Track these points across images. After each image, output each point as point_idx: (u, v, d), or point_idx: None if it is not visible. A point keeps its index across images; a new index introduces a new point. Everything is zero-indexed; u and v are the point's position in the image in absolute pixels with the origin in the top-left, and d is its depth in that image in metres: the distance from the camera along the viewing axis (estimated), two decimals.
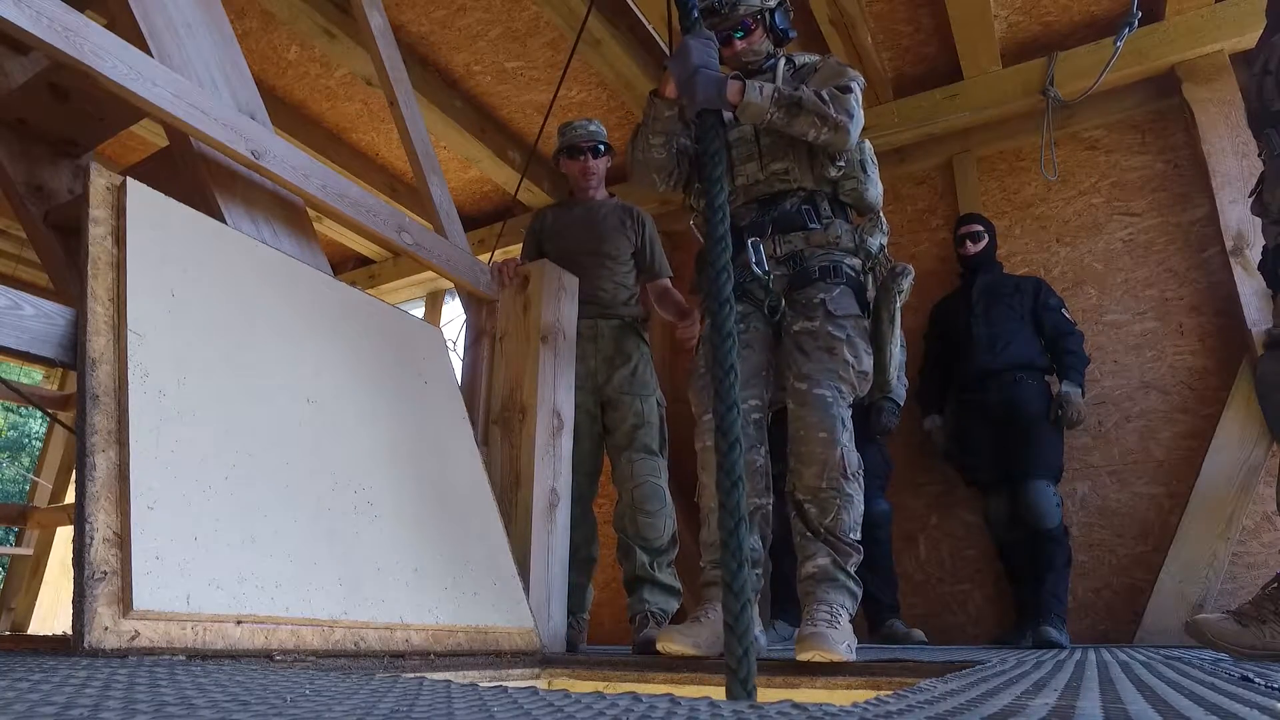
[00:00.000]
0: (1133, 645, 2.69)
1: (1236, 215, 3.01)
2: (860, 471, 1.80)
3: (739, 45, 2.07)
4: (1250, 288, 2.92)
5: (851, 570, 1.78)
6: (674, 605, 2.42)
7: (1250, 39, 2.98)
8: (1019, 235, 3.57)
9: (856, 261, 1.97)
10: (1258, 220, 1.84)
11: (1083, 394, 2.90)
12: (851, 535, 1.77)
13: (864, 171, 2.01)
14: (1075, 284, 3.38)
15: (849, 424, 1.80)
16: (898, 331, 2.01)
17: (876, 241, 2.01)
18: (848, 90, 1.86)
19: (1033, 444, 2.85)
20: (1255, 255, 2.79)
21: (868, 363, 1.87)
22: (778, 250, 1.96)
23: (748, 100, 1.80)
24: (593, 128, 2.80)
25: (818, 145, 1.93)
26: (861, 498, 1.80)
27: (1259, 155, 1.78)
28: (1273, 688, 0.94)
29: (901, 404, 3.07)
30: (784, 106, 1.82)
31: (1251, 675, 1.11)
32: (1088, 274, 3.38)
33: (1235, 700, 0.79)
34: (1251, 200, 1.83)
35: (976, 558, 3.33)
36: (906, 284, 1.97)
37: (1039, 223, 3.55)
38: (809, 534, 1.77)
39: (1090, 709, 0.69)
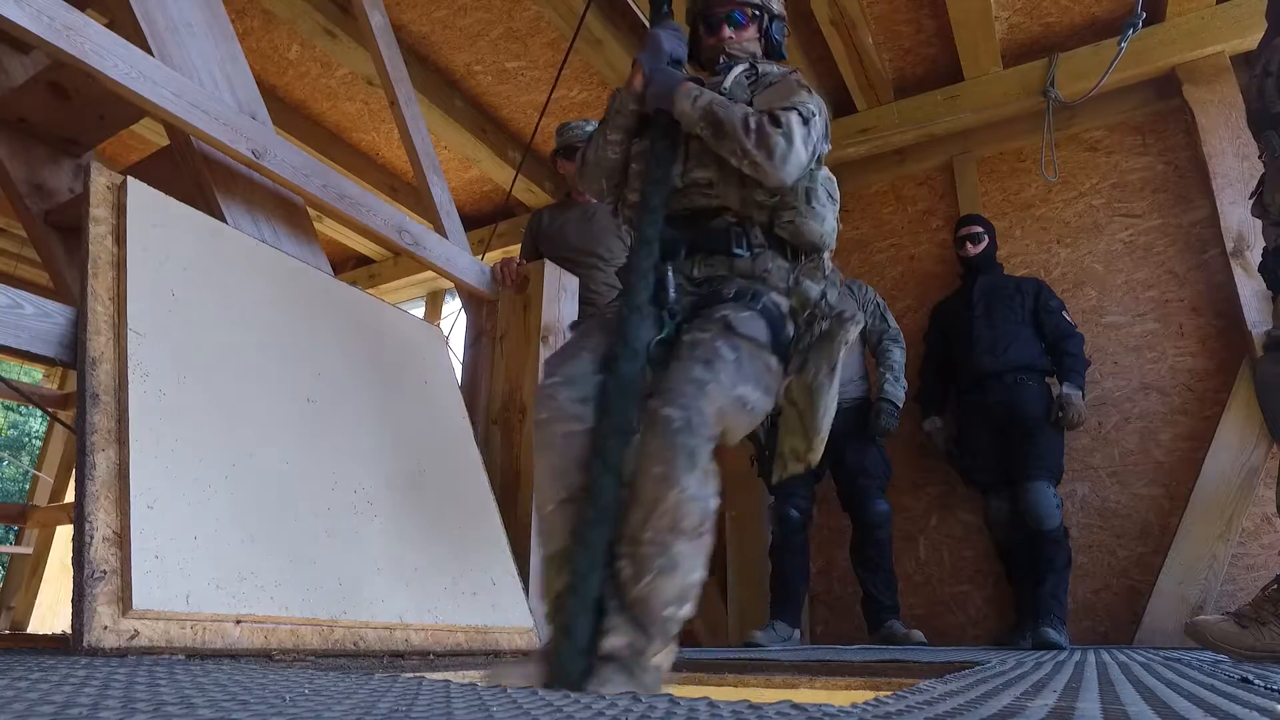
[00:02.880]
0: (1132, 646, 2.69)
1: (1237, 217, 3.01)
2: (706, 530, 1.24)
3: (726, 34, 1.84)
4: (1250, 289, 2.92)
5: (659, 664, 1.21)
6: None
7: (1250, 40, 2.98)
8: (1019, 236, 3.57)
9: (785, 302, 1.60)
10: (1258, 222, 1.83)
11: (1083, 396, 2.90)
12: (668, 614, 1.19)
13: (808, 203, 1.64)
14: (1075, 285, 3.37)
15: (704, 462, 1.25)
16: (835, 387, 1.58)
17: (817, 288, 1.61)
18: (779, 123, 1.53)
19: (1033, 445, 2.85)
20: (1255, 257, 2.79)
21: (757, 401, 1.39)
22: (695, 272, 1.61)
23: (679, 109, 1.60)
24: (589, 128, 2.79)
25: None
26: (701, 565, 1.23)
27: (1259, 157, 1.78)
28: (1272, 689, 0.94)
29: (901, 405, 3.07)
30: (711, 124, 1.56)
31: (1251, 677, 1.11)
32: (1088, 275, 3.38)
33: (1235, 701, 0.79)
34: (1252, 202, 1.83)
35: (976, 559, 3.33)
36: (853, 332, 1.60)
37: (1039, 224, 3.55)
38: (613, 600, 1.19)
39: (1090, 710, 0.69)
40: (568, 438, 1.32)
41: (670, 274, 1.51)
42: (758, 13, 1.79)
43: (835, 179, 1.74)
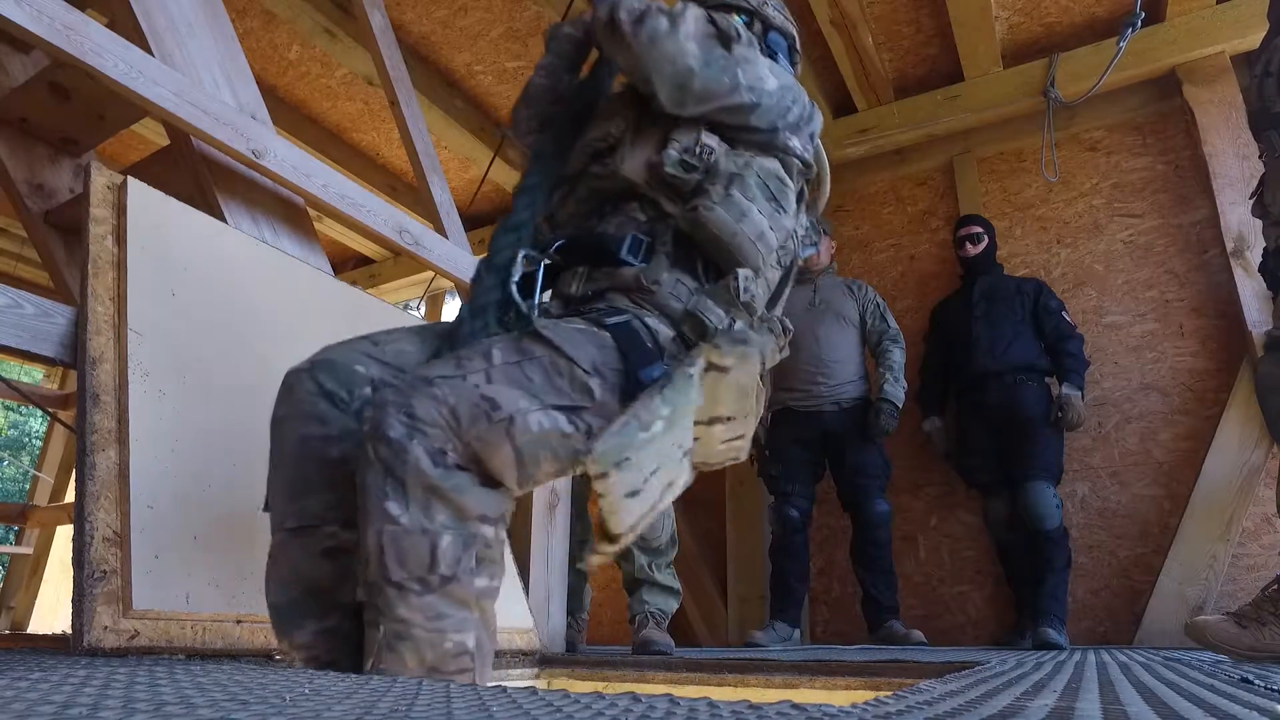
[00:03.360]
0: (1132, 647, 2.69)
1: (1237, 217, 3.01)
2: (460, 571, 0.89)
3: None
4: (1251, 289, 2.92)
5: None
6: (673, 605, 2.41)
7: (1251, 40, 2.98)
8: (1019, 236, 3.57)
9: (667, 331, 1.16)
10: (1258, 222, 1.84)
11: (1083, 396, 2.90)
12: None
13: (727, 190, 1.19)
14: (1075, 285, 3.37)
15: (426, 480, 0.88)
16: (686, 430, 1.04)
17: (716, 316, 1.16)
18: (677, 10, 1.20)
19: (1033, 445, 2.85)
20: (1256, 257, 2.79)
21: (528, 414, 0.96)
22: (574, 288, 1.22)
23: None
24: None
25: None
26: (468, 625, 0.90)
27: (1259, 157, 1.78)
28: (1272, 689, 0.94)
29: (900, 405, 3.07)
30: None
31: (1251, 677, 1.11)
32: (1088, 275, 3.38)
33: (1234, 702, 0.79)
34: (1252, 202, 1.83)
35: (976, 559, 3.33)
36: (741, 370, 1.09)
37: (1039, 224, 3.55)
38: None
39: (1090, 710, 0.69)
40: (304, 443, 1.02)
41: (533, 281, 1.17)
42: (746, 19, 1.47)
43: (801, 179, 1.36)
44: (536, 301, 1.15)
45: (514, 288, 1.13)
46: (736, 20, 1.27)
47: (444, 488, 0.89)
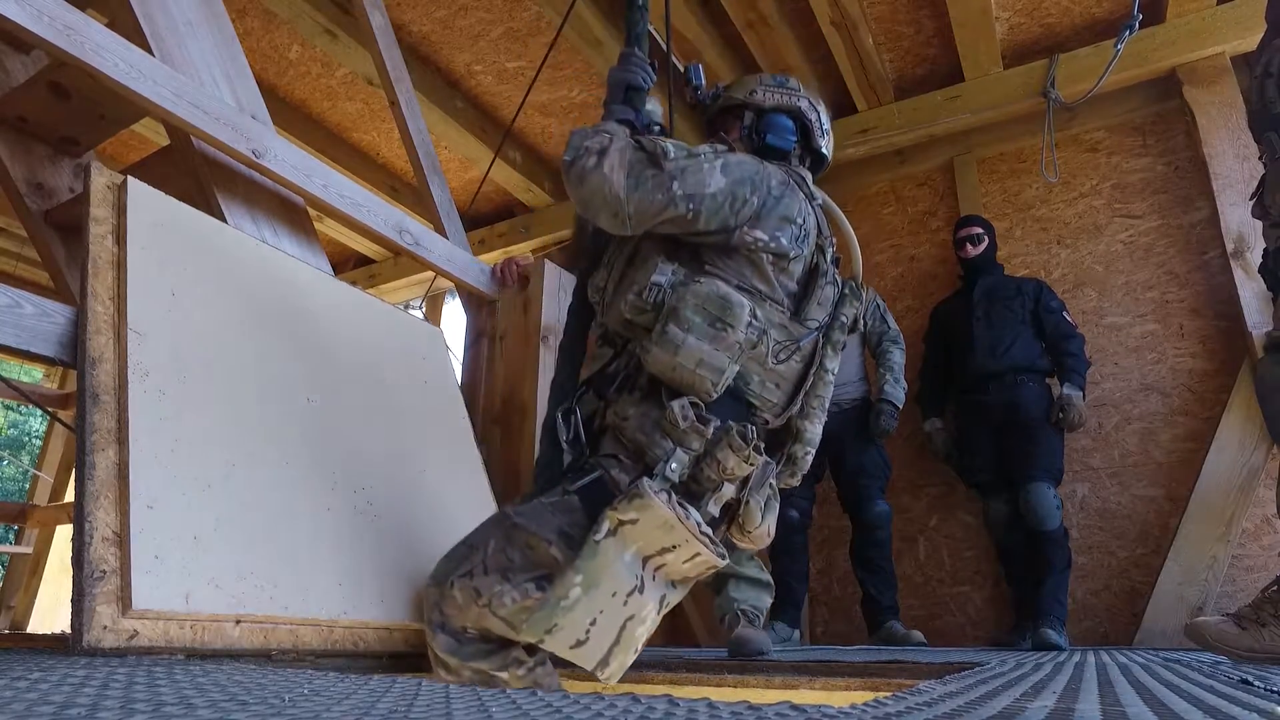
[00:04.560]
0: (1132, 648, 2.69)
1: (1237, 218, 3.01)
2: None
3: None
4: (1251, 290, 2.92)
5: None
6: (767, 600, 2.19)
7: (1251, 41, 2.97)
8: (1019, 237, 3.57)
9: (624, 478, 1.28)
10: (1258, 223, 1.83)
11: (1084, 397, 2.90)
12: None
13: (663, 326, 1.27)
14: (1076, 286, 3.37)
15: (442, 661, 1.35)
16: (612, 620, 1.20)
17: (663, 445, 1.26)
18: (604, 139, 1.28)
19: (1033, 446, 2.85)
20: (1256, 258, 2.78)
21: (503, 596, 1.26)
22: (598, 422, 1.41)
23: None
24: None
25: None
26: None
27: (1259, 158, 1.78)
28: (1272, 690, 0.94)
29: (900, 406, 3.07)
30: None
31: (1250, 678, 1.11)
32: (1088, 276, 3.38)
33: (1234, 703, 0.79)
34: (1252, 203, 1.83)
35: (976, 559, 3.33)
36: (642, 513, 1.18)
37: (1039, 224, 3.55)
38: None
39: (1089, 711, 0.69)
40: None
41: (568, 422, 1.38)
42: (741, 111, 1.54)
43: (797, 265, 1.37)
44: (579, 450, 1.37)
45: (564, 445, 1.37)
46: (666, 142, 1.30)
47: (454, 662, 1.30)
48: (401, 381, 2.08)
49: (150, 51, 1.71)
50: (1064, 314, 3.04)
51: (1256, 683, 1.05)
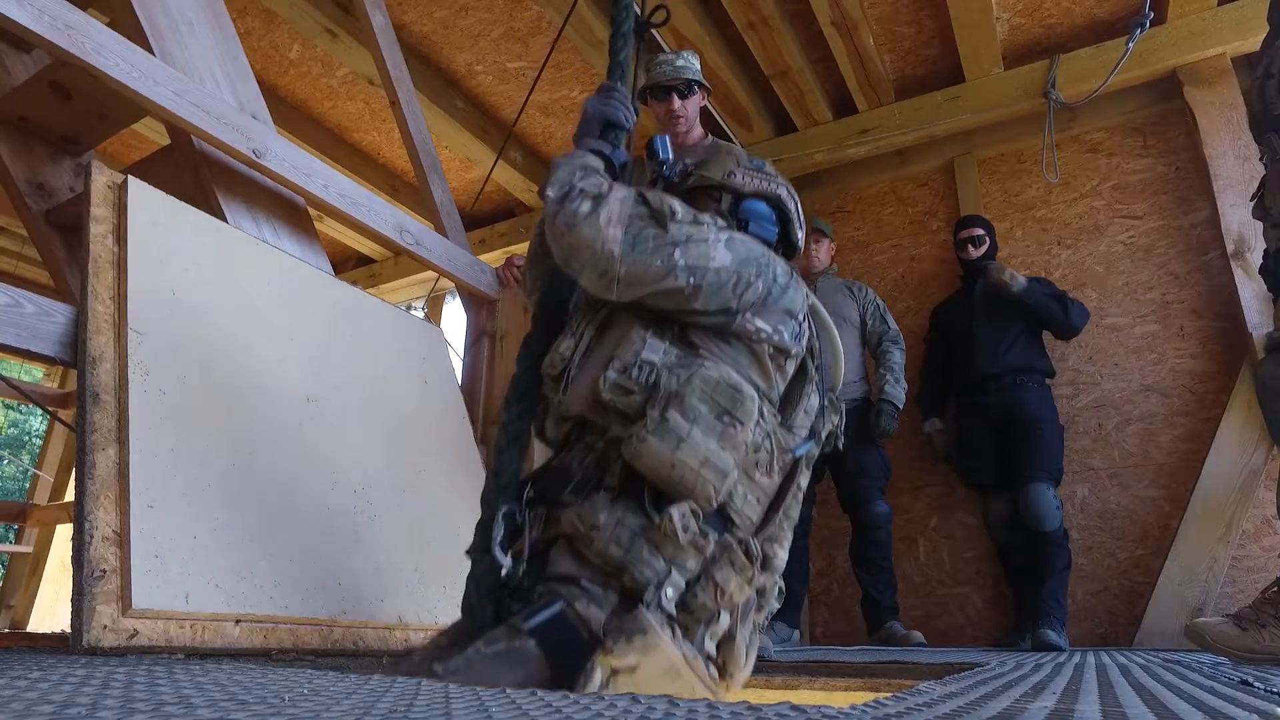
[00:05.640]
0: (1132, 648, 2.69)
1: (1238, 219, 3.01)
2: None
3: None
4: (1251, 291, 2.92)
5: None
6: (775, 605, 2.24)
7: (1252, 42, 2.98)
8: (1020, 238, 3.57)
9: (595, 612, 1.00)
10: (1259, 224, 1.83)
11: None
12: None
13: (662, 414, 1.06)
14: (1076, 287, 3.37)
15: None
16: None
17: (655, 564, 1.02)
18: (601, 189, 1.11)
19: (1032, 447, 2.85)
20: (1256, 259, 2.79)
21: None
22: (536, 532, 1.11)
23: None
24: (680, 62, 2.43)
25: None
26: None
27: (1260, 159, 1.78)
28: (1272, 691, 0.94)
29: (901, 406, 3.07)
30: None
31: (1251, 679, 1.11)
32: (1088, 277, 3.38)
33: (1234, 704, 0.79)
34: (1253, 204, 1.83)
35: (976, 560, 3.33)
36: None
37: (1040, 225, 3.55)
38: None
39: (1089, 712, 0.69)
40: None
41: (499, 527, 1.09)
42: (717, 193, 1.35)
43: (794, 361, 1.19)
44: (515, 568, 1.07)
45: (497, 551, 1.08)
46: (674, 201, 1.13)
47: None
48: (401, 381, 2.08)
49: (151, 51, 1.71)
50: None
51: (1257, 684, 1.05)
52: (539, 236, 1.33)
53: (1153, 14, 2.92)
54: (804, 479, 1.21)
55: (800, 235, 1.43)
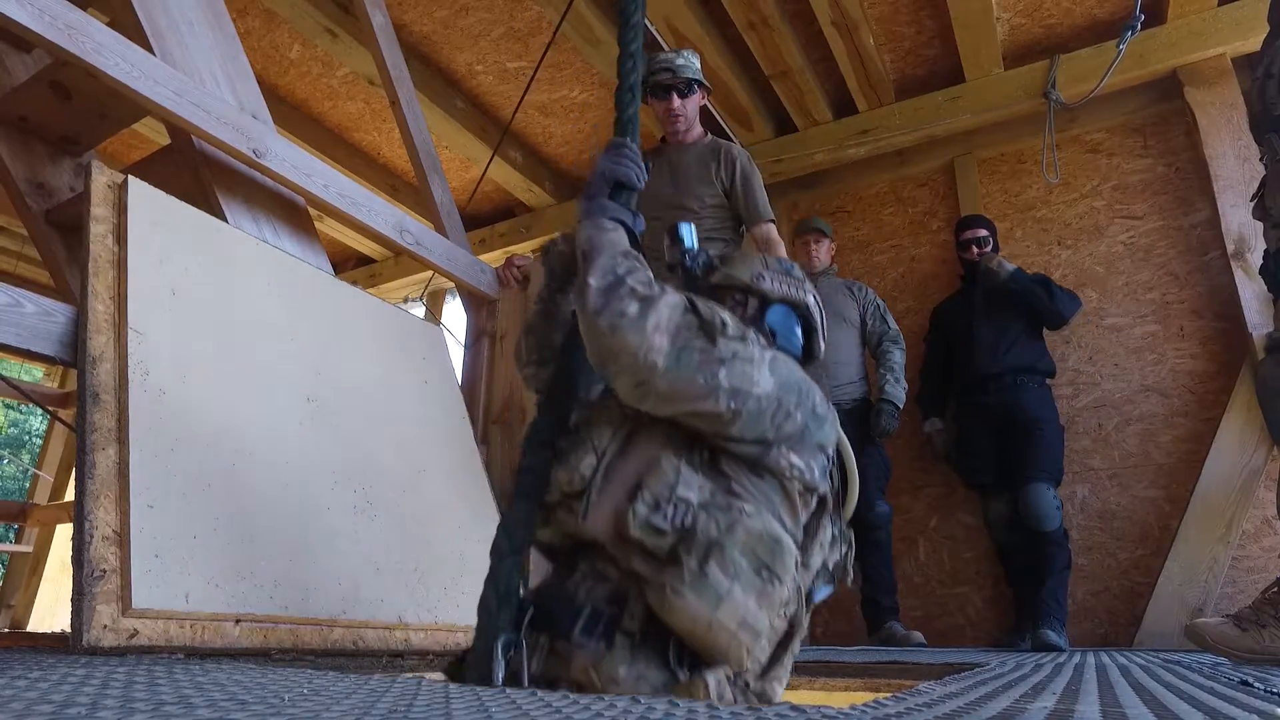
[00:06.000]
0: (1132, 649, 2.69)
1: (1238, 219, 3.01)
2: None
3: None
4: (1251, 291, 2.92)
5: None
6: None
7: (1252, 42, 2.98)
8: (1020, 238, 3.57)
9: None
10: (1259, 224, 1.83)
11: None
12: None
13: (701, 564, 0.97)
14: (1076, 287, 3.37)
15: None
16: None
17: None
18: (651, 293, 1.01)
19: (1033, 447, 2.85)
20: (1256, 259, 2.79)
21: None
22: (536, 665, 1.00)
23: (577, 236, 1.13)
24: (680, 61, 2.44)
25: None
26: None
27: (1260, 159, 1.78)
28: (1272, 692, 0.94)
29: (901, 406, 3.07)
30: (581, 255, 1.08)
31: (1251, 679, 1.11)
32: (1089, 277, 3.38)
33: (1234, 704, 0.79)
34: (1253, 204, 1.83)
35: (976, 560, 3.33)
36: None
37: (1040, 225, 3.55)
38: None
39: (1089, 713, 0.69)
40: None
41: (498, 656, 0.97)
42: (740, 296, 1.25)
43: (813, 498, 1.08)
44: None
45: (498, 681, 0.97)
46: (724, 313, 1.05)
47: None
48: (401, 381, 2.08)
49: (151, 51, 1.71)
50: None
51: (1257, 684, 1.05)
52: (541, 307, 1.26)
53: (1143, 17, 2.92)
54: (807, 619, 1.11)
55: (823, 346, 1.34)
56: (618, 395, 1.03)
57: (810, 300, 1.29)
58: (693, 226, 1.29)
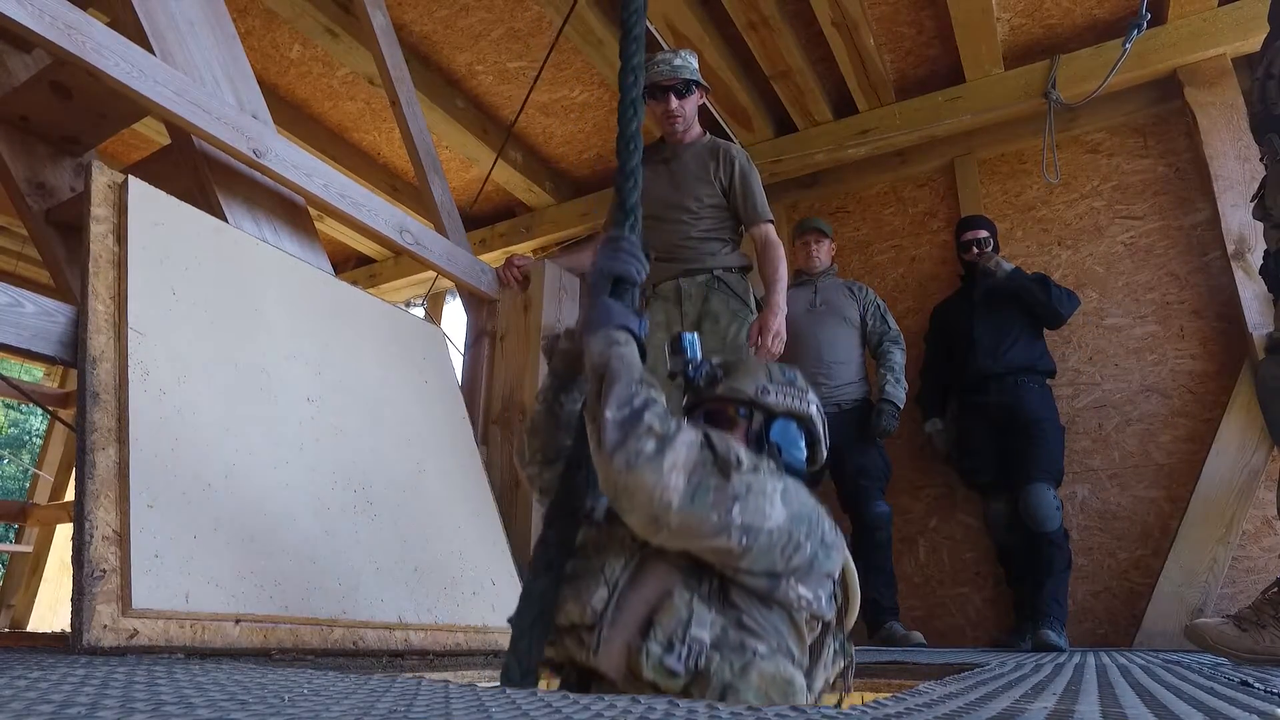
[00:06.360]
0: (1132, 649, 2.69)
1: (1238, 219, 3.01)
2: None
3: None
4: (1251, 291, 2.92)
5: None
6: None
7: (1252, 43, 2.98)
8: (1020, 238, 3.57)
9: None
10: (1259, 225, 1.83)
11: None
12: None
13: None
14: (1076, 287, 3.37)
15: None
16: None
17: None
18: (667, 432, 0.99)
19: (1033, 447, 2.85)
20: (1256, 259, 2.79)
21: None
22: None
23: (587, 350, 1.09)
24: (678, 61, 2.45)
25: None
26: None
27: (1261, 160, 1.78)
28: (1272, 692, 0.94)
29: (901, 406, 3.07)
30: (596, 379, 1.04)
31: (1250, 680, 1.11)
32: (1089, 277, 3.38)
33: (1234, 705, 0.79)
34: (1253, 205, 1.83)
35: (976, 560, 3.33)
36: None
37: (1040, 225, 3.55)
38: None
39: (1089, 713, 0.69)
40: None
41: None
42: (745, 411, 1.23)
43: (804, 689, 1.04)
44: None
45: None
46: (740, 449, 1.05)
47: None
48: (401, 381, 2.08)
49: (151, 51, 1.71)
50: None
51: (1256, 684, 1.05)
52: (545, 407, 1.26)
53: (1150, 15, 2.92)
54: None
55: (824, 455, 1.31)
56: (625, 523, 1.02)
57: (813, 411, 1.27)
58: (696, 337, 1.26)
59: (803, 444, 1.25)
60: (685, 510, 0.96)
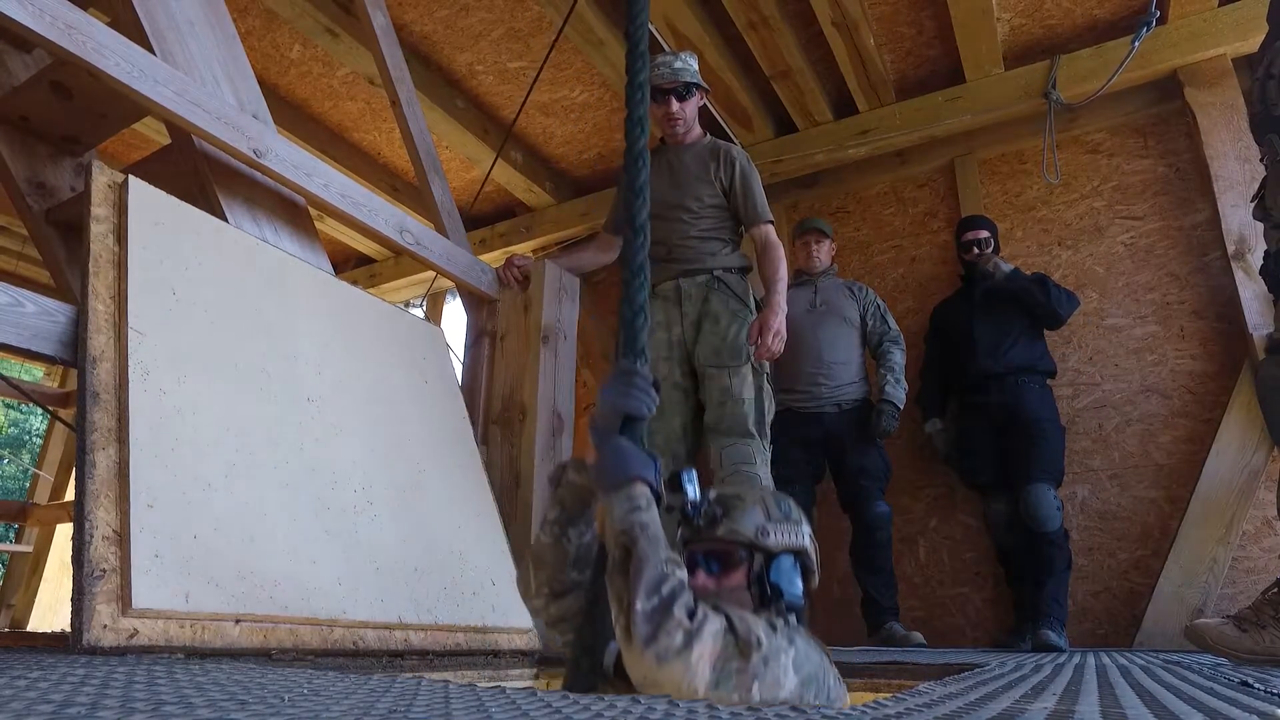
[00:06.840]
0: (1132, 649, 2.69)
1: (1238, 219, 3.01)
2: None
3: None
4: (1251, 292, 2.92)
5: None
6: None
7: (1252, 43, 2.97)
8: (1020, 238, 3.57)
9: None
10: (1259, 225, 1.83)
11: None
12: None
13: None
14: (1076, 287, 3.37)
15: None
16: None
17: None
18: (693, 619, 1.02)
19: (1033, 447, 2.85)
20: (1257, 260, 2.78)
21: None
22: None
23: (609, 511, 1.10)
24: (678, 64, 2.47)
25: None
26: None
27: (1261, 160, 1.77)
28: (1272, 693, 0.94)
29: (901, 406, 3.07)
30: (621, 550, 1.06)
31: (1251, 680, 1.11)
32: (1089, 277, 3.38)
33: (1234, 705, 0.79)
34: (1253, 205, 1.82)
35: (976, 561, 3.33)
36: None
37: (1040, 225, 3.55)
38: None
39: (1089, 713, 0.69)
40: None
41: None
42: (745, 553, 1.25)
43: None
44: None
45: None
46: (760, 629, 1.06)
47: None
48: (401, 381, 2.08)
49: (152, 50, 1.71)
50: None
51: (1257, 685, 1.05)
52: (551, 541, 1.24)
53: (1159, 13, 2.91)
54: None
55: (815, 582, 1.36)
56: None
57: (807, 543, 1.31)
58: (695, 475, 1.23)
59: (799, 581, 1.29)
60: (710, 694, 0.99)
